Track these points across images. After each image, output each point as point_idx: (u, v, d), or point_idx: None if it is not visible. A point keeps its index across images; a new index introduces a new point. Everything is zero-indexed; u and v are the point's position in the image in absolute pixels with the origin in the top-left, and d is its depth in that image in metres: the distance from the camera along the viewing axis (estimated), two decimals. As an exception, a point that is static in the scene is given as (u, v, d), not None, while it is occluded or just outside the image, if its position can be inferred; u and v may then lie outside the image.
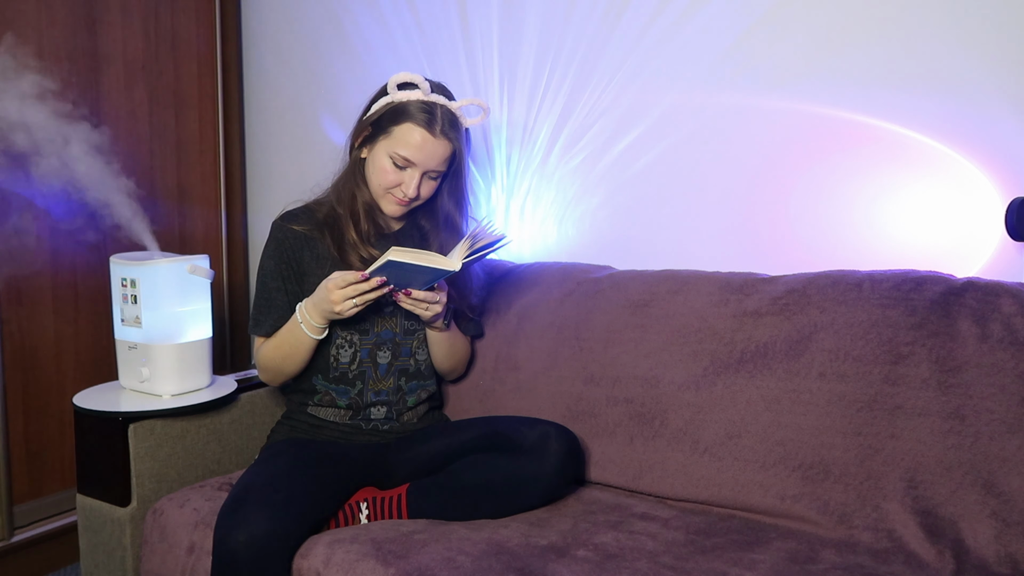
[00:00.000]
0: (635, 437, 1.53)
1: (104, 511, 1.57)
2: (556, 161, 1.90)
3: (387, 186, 1.52)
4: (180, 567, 1.42)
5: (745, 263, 1.67)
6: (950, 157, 1.49)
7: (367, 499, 1.46)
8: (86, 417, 1.57)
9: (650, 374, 1.55)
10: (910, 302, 1.39)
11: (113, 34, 2.10)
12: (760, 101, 1.66)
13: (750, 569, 1.20)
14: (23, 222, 1.93)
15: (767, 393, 1.44)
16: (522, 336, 1.71)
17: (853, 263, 1.53)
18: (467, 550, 1.25)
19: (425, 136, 1.48)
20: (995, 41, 1.44)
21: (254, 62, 2.40)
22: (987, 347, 1.32)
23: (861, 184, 1.58)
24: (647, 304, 1.60)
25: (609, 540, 1.30)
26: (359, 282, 1.41)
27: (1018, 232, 1.38)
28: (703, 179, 1.74)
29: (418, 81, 1.50)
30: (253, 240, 2.47)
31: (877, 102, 1.55)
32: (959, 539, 1.25)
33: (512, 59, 1.93)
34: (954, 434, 1.30)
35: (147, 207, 1.75)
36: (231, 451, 1.71)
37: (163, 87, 2.22)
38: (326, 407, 1.59)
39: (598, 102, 1.83)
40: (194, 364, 1.67)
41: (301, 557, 1.28)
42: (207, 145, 2.35)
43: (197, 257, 1.66)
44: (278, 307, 1.57)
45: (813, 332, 1.43)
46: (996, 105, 1.44)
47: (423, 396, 1.64)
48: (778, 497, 1.38)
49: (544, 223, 1.94)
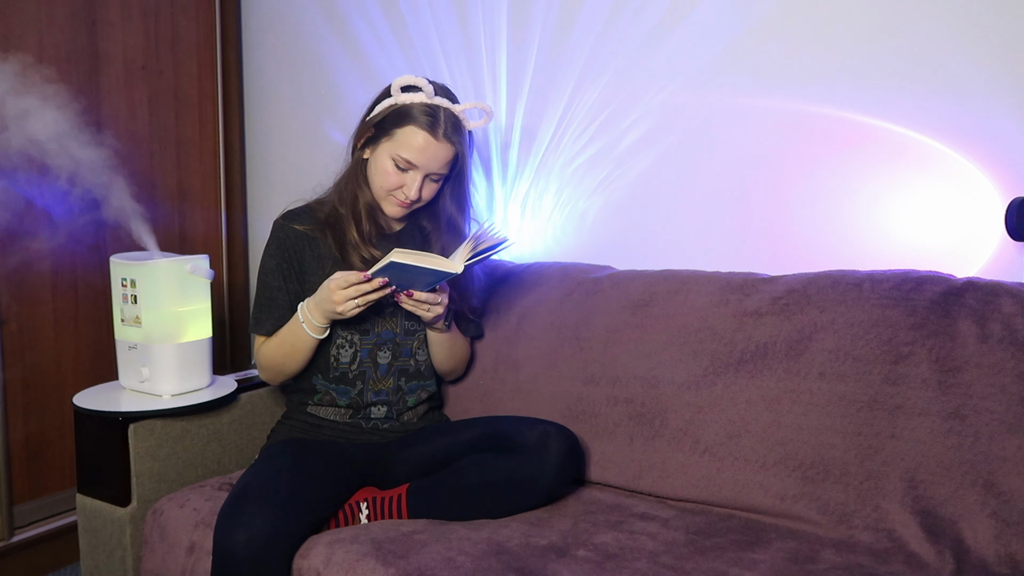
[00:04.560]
0: (635, 437, 1.53)
1: (104, 511, 1.57)
2: (556, 162, 1.90)
3: (389, 188, 1.52)
4: (180, 567, 1.42)
5: (745, 263, 1.67)
6: (950, 157, 1.50)
7: (367, 499, 1.46)
8: (86, 417, 1.57)
9: (650, 374, 1.55)
10: (910, 302, 1.39)
11: (113, 34, 2.10)
12: (759, 101, 1.66)
13: (750, 569, 1.20)
14: (23, 222, 1.93)
15: (767, 393, 1.44)
16: (522, 336, 1.71)
17: (853, 263, 1.53)
18: (467, 550, 1.25)
19: (428, 139, 1.48)
20: (996, 41, 1.44)
21: (254, 62, 2.40)
22: (987, 347, 1.32)
23: (861, 184, 1.58)
24: (647, 304, 1.60)
25: (609, 540, 1.31)
26: (361, 283, 1.42)
27: (1018, 232, 1.38)
28: (703, 179, 1.74)
29: (422, 84, 1.50)
30: (253, 240, 2.47)
31: (877, 102, 1.55)
32: (959, 539, 1.25)
33: (513, 61, 1.93)
34: (954, 434, 1.30)
35: (147, 207, 1.75)
36: (231, 451, 1.71)
37: (163, 87, 2.22)
38: (326, 407, 1.59)
39: (599, 103, 1.83)
40: (194, 364, 1.67)
41: (301, 557, 1.28)
42: (207, 145, 2.35)
43: (197, 257, 1.66)
44: (279, 306, 1.57)
45: (813, 332, 1.43)
46: (996, 105, 1.45)
47: (423, 396, 1.64)
48: (778, 497, 1.38)
49: (544, 223, 1.94)
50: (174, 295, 1.63)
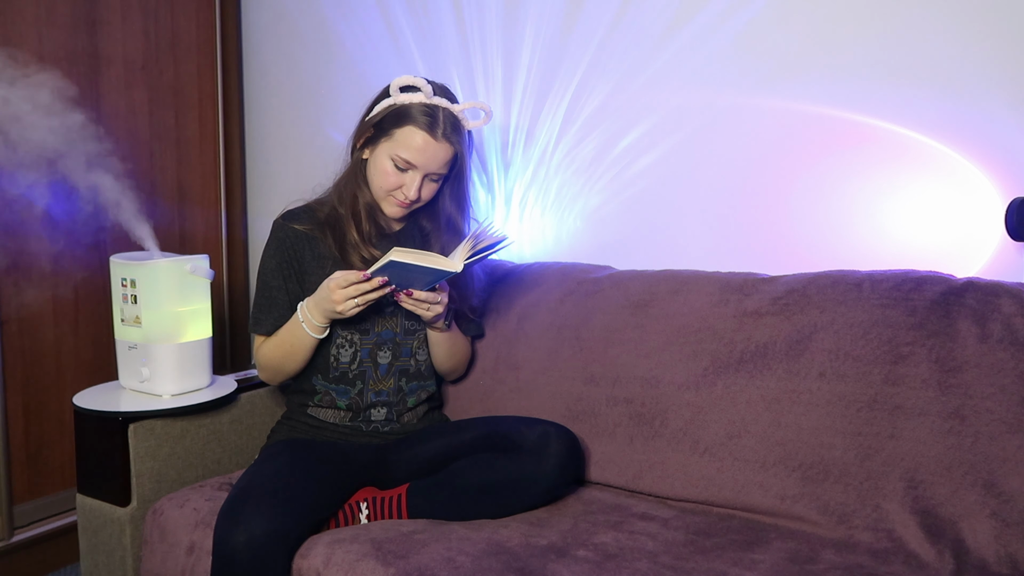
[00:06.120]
0: (635, 437, 1.53)
1: (104, 511, 1.57)
2: (557, 161, 1.90)
3: (388, 188, 1.52)
4: (180, 567, 1.42)
5: (745, 263, 1.67)
6: (950, 157, 1.50)
7: (367, 499, 1.46)
8: (86, 417, 1.57)
9: (650, 374, 1.55)
10: (910, 302, 1.39)
11: (113, 34, 2.10)
12: (758, 101, 1.66)
13: (750, 569, 1.20)
14: (23, 222, 1.93)
15: (767, 393, 1.44)
16: (522, 336, 1.71)
17: (853, 263, 1.53)
18: (467, 550, 1.25)
19: (427, 139, 1.48)
20: (996, 41, 1.44)
21: (254, 62, 2.40)
22: (987, 347, 1.32)
23: (861, 184, 1.58)
24: (647, 304, 1.60)
25: (609, 540, 1.31)
26: (361, 282, 1.42)
27: (1018, 232, 1.38)
28: (703, 179, 1.74)
29: (420, 84, 1.50)
30: (253, 240, 2.47)
31: (877, 102, 1.55)
32: (959, 539, 1.25)
33: (513, 61, 1.93)
34: (954, 434, 1.30)
35: (147, 207, 1.75)
36: (231, 451, 1.71)
37: (163, 87, 2.22)
38: (326, 408, 1.59)
39: (599, 103, 1.83)
40: (194, 364, 1.67)
41: (301, 557, 1.28)
42: (207, 145, 2.35)
43: (197, 257, 1.66)
44: (279, 306, 1.57)
45: (813, 332, 1.43)
46: (996, 105, 1.45)
47: (423, 396, 1.64)
48: (778, 497, 1.38)
49: (544, 223, 1.94)
50: (174, 295, 1.63)
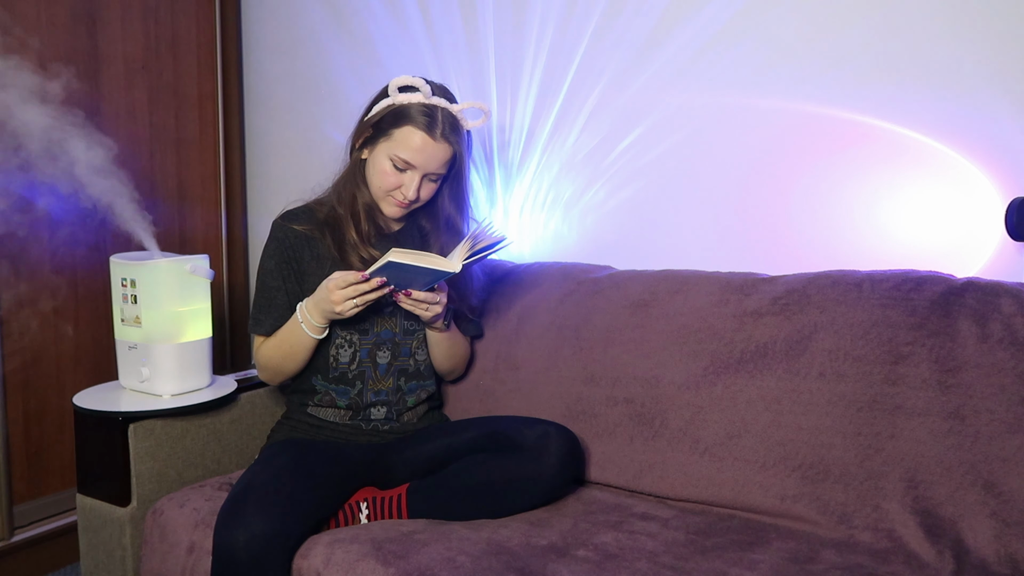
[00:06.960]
0: (635, 437, 1.53)
1: (104, 511, 1.57)
2: (556, 161, 1.90)
3: (387, 188, 1.52)
4: (180, 567, 1.42)
5: (745, 263, 1.67)
6: (950, 157, 1.49)
7: (367, 499, 1.46)
8: (86, 417, 1.57)
9: (650, 374, 1.55)
10: (910, 302, 1.39)
11: (113, 34, 2.10)
12: (759, 101, 1.66)
13: (750, 569, 1.20)
14: (24, 222, 1.93)
15: (767, 393, 1.44)
16: (522, 336, 1.71)
17: (853, 263, 1.53)
18: (467, 550, 1.25)
19: (425, 139, 1.48)
20: (996, 40, 1.44)
21: (254, 62, 2.40)
22: (987, 347, 1.32)
23: (861, 184, 1.58)
24: (647, 304, 1.60)
25: (609, 540, 1.30)
26: (360, 282, 1.42)
27: (1018, 232, 1.38)
28: (703, 179, 1.74)
29: (419, 84, 1.50)
30: (253, 240, 2.47)
31: (877, 101, 1.55)
32: (959, 539, 1.25)
33: (513, 61, 1.93)
34: (954, 434, 1.30)
35: (147, 207, 1.75)
36: (231, 451, 1.71)
37: (163, 87, 2.22)
38: (326, 407, 1.59)
39: (598, 103, 1.83)
40: (194, 364, 1.67)
41: (301, 557, 1.28)
42: (207, 145, 2.35)
43: (197, 257, 1.66)
44: (278, 306, 1.57)
45: (813, 332, 1.43)
46: (996, 104, 1.45)
47: (423, 396, 1.64)
48: (778, 497, 1.38)
49: (544, 223, 1.94)
50: (174, 295, 1.63)
